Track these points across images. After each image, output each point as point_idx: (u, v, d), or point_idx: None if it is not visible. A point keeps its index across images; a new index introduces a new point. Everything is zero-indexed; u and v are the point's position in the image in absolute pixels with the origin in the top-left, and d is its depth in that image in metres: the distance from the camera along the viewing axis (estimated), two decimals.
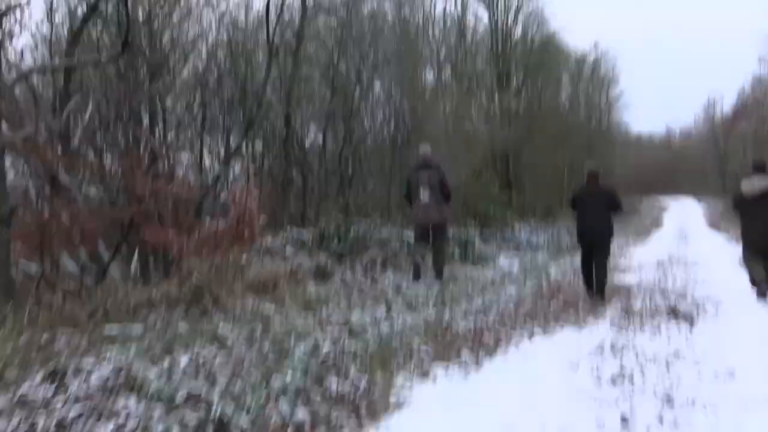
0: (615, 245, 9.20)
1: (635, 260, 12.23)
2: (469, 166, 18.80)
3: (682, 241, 17.45)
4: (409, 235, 9.33)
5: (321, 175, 15.49)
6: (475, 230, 14.12)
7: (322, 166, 15.54)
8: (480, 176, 18.69)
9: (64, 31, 10.20)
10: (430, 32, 23.47)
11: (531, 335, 5.71)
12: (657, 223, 27.46)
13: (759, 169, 7.62)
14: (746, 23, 47.61)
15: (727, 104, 45.43)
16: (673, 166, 59.15)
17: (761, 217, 7.39)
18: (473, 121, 22.38)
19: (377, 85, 17.38)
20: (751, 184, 7.56)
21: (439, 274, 8.23)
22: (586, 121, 38.37)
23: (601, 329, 6.11)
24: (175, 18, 10.94)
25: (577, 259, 8.24)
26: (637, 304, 7.31)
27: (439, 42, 23.97)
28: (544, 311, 6.69)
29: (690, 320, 6.36)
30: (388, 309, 6.14)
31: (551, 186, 28.96)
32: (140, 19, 9.99)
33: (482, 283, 8.51)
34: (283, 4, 12.05)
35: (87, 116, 7.66)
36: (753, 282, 7.63)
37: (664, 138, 70.16)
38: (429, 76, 23.11)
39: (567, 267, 11.15)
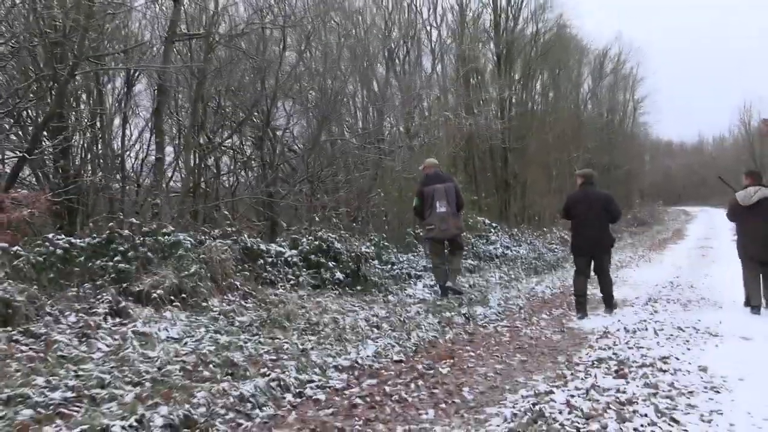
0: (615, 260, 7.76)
1: (623, 291, 8.94)
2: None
3: (698, 261, 13.92)
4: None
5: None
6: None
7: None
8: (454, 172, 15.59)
9: None
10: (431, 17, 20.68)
11: None
12: (679, 235, 23.94)
13: (753, 177, 7.42)
14: None
15: (763, 109, 41.78)
16: (705, 174, 55.48)
17: (759, 227, 7.08)
18: (460, 110, 19.31)
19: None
20: (747, 194, 7.22)
21: (454, 285, 7.89)
22: (606, 121, 35.23)
23: None
24: None
25: (552, 279, 8.12)
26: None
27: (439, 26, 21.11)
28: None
29: None
30: None
31: (560, 190, 25.73)
32: None
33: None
34: None
35: None
36: (748, 303, 7.21)
37: (696, 144, 66.58)
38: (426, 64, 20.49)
39: (523, 292, 8.03)
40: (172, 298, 5.23)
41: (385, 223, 11.46)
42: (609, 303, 7.23)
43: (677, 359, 4.87)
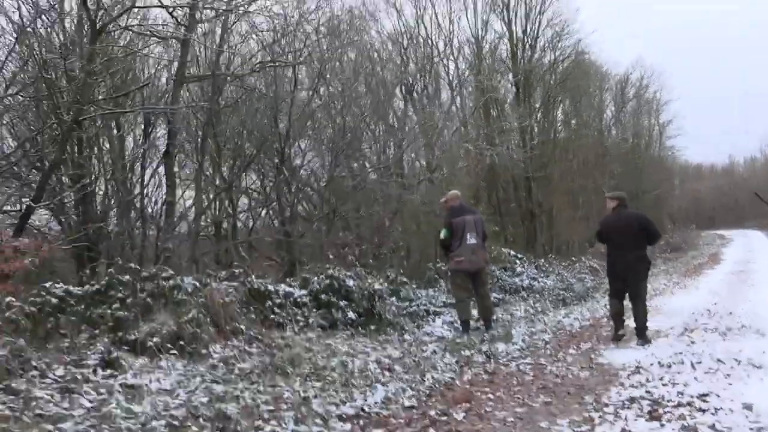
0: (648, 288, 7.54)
1: (657, 320, 8.43)
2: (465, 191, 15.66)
3: (737, 286, 13.25)
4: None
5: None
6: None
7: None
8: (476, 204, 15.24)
9: None
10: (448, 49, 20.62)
11: None
12: (715, 259, 23.08)
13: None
14: None
15: None
16: (737, 197, 54.26)
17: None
18: (481, 142, 19.07)
19: None
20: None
21: (489, 323, 7.79)
22: (632, 146, 34.69)
23: None
24: None
25: (581, 310, 8.13)
26: None
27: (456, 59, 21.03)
28: None
29: None
30: None
31: (586, 217, 25.16)
32: None
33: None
34: None
35: None
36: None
37: (726, 167, 65.31)
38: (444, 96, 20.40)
39: (550, 326, 7.61)
40: (170, 346, 4.94)
41: (404, 258, 11.11)
42: (642, 334, 6.82)
43: (718, 396, 4.41)
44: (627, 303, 7.08)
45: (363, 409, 4.20)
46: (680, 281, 15.04)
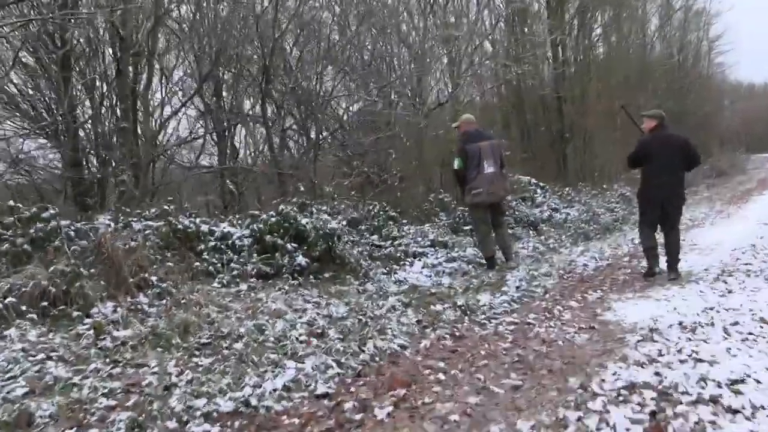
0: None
1: (690, 259, 7.03)
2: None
3: None
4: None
5: None
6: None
7: None
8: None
9: None
10: None
11: None
12: (765, 185, 21.10)
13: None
14: None
15: None
16: None
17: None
18: (509, 59, 17.27)
19: None
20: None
21: (509, 255, 7.19)
22: (677, 63, 31.94)
23: None
24: None
25: (602, 246, 7.82)
26: None
27: None
28: None
29: None
30: None
31: (624, 141, 23.22)
32: None
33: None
34: None
35: None
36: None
37: None
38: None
39: (557, 267, 6.35)
40: (31, 308, 3.82)
41: (398, 189, 9.78)
42: (674, 268, 6.19)
43: (758, 383, 3.09)
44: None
45: (248, 403, 3.03)
46: (723, 209, 13.40)
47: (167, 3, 8.98)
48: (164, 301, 4.46)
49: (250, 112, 11.50)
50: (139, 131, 8.71)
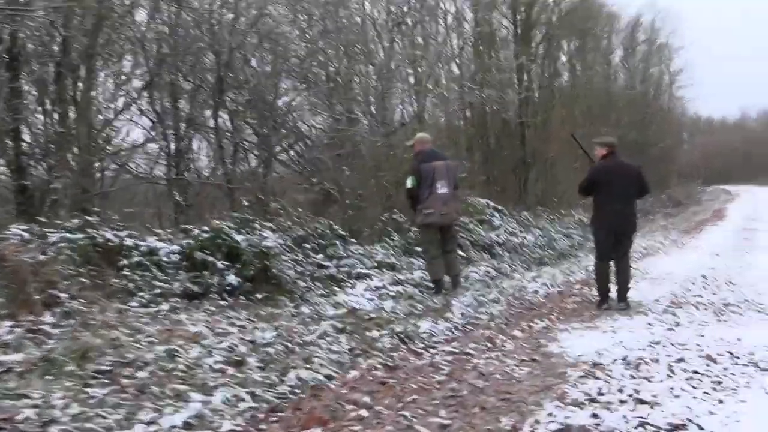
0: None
1: (641, 288, 6.89)
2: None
3: (740, 246, 11.60)
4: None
5: None
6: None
7: None
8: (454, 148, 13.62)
9: None
10: None
11: None
12: (719, 216, 21.42)
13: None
14: None
15: None
16: (748, 152, 52.08)
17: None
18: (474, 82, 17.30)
19: None
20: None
21: (457, 280, 6.96)
22: (639, 94, 32.53)
23: None
24: None
25: (554, 272, 7.80)
26: None
27: None
28: None
29: None
30: None
31: (584, 169, 23.38)
32: None
33: None
34: None
35: None
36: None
37: (738, 121, 62.90)
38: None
39: (507, 294, 6.14)
40: None
41: (350, 207, 9.51)
42: (624, 296, 6.14)
43: (701, 429, 2.86)
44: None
45: None
46: (677, 239, 13.44)
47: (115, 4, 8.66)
48: (71, 322, 4.08)
49: (207, 124, 11.18)
50: (79, 136, 8.30)
